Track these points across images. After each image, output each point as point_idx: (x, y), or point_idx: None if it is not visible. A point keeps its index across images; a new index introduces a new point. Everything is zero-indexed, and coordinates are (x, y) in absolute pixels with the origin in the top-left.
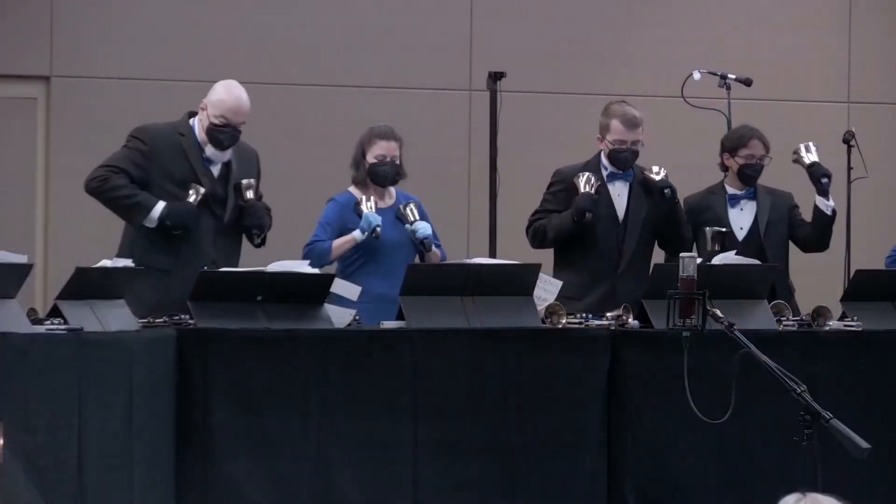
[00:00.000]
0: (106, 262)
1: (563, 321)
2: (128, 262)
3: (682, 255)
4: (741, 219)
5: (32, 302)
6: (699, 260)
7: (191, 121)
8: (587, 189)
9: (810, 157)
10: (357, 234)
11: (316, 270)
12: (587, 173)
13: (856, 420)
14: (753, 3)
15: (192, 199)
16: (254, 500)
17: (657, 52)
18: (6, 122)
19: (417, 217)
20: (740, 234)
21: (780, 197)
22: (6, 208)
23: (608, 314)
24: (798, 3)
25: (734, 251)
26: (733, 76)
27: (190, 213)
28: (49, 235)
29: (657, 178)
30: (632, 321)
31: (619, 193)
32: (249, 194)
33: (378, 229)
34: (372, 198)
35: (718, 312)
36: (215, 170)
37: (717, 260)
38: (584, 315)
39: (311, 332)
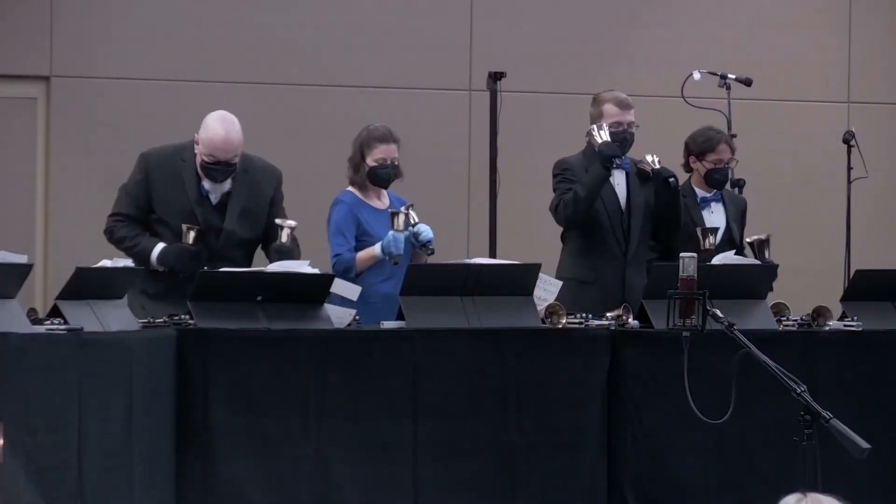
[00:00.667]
0: (106, 262)
1: (563, 321)
2: (128, 262)
3: (682, 255)
4: (714, 220)
5: (32, 302)
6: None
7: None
8: (605, 138)
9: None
10: (377, 251)
11: (316, 270)
12: (597, 126)
13: (856, 420)
14: (753, 3)
15: (186, 238)
16: (254, 500)
17: (657, 52)
18: (6, 122)
19: (417, 220)
20: (717, 236)
21: (736, 198)
22: (6, 208)
23: (608, 314)
24: (798, 3)
25: (733, 251)
26: (733, 76)
27: (182, 257)
28: (49, 235)
29: (656, 166)
30: (632, 321)
31: (619, 182)
32: (284, 237)
33: (398, 257)
34: (406, 214)
35: (718, 312)
36: (214, 197)
37: (717, 260)
38: (584, 315)
39: (311, 332)
